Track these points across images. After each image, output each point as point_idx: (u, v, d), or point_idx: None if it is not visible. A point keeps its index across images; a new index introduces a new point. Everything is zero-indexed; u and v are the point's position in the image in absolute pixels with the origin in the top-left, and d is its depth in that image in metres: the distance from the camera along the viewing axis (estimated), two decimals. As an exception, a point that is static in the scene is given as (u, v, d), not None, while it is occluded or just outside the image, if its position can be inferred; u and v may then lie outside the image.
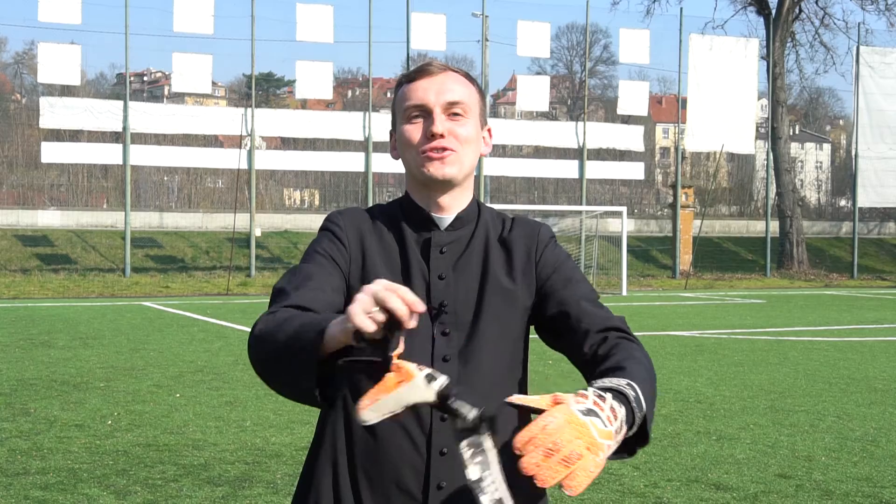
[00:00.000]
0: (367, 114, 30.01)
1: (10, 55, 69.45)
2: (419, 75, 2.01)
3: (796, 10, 36.89)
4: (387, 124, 29.96)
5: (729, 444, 7.30)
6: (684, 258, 33.38)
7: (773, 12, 35.76)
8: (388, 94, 74.65)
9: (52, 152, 28.20)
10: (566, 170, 32.79)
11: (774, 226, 36.07)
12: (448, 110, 1.99)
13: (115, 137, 29.79)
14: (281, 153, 33.70)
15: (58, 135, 32.29)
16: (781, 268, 35.19)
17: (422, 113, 1.99)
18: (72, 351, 12.51)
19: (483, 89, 2.13)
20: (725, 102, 32.92)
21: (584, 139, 31.72)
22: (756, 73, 33.95)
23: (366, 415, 1.56)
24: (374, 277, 1.95)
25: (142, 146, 29.32)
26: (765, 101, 38.88)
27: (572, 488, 1.53)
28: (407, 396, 1.55)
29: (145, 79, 79.43)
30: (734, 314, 19.92)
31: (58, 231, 32.62)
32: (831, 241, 41.41)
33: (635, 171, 33.87)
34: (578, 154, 32.06)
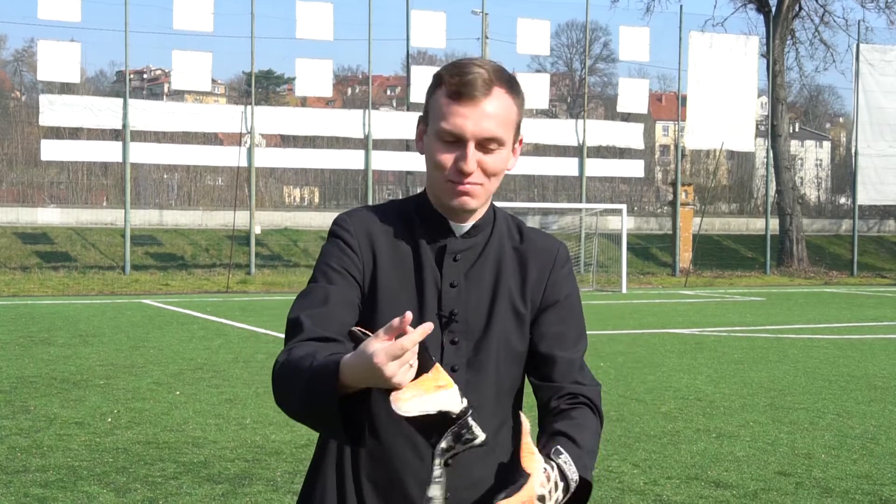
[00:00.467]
0: (366, 111, 29.99)
1: (9, 53, 69.46)
2: (462, 98, 1.91)
3: (796, 8, 36.86)
4: (386, 123, 30.00)
5: (729, 442, 7.30)
6: (684, 256, 33.38)
7: (773, 10, 35.73)
8: (388, 92, 74.67)
9: (51, 150, 28.19)
10: (566, 167, 32.78)
11: (774, 223, 36.06)
12: (482, 144, 1.92)
13: (115, 135, 29.80)
14: (281, 151, 33.68)
15: (57, 132, 32.28)
16: (781, 265, 35.19)
17: (456, 140, 1.92)
18: (72, 349, 12.51)
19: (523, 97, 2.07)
20: (725, 100, 32.91)
21: (584, 137, 31.71)
22: (756, 71, 33.93)
23: (404, 406, 1.60)
24: (384, 285, 1.97)
25: (141, 144, 29.29)
26: (765, 99, 38.87)
27: None
28: (443, 401, 1.62)
29: (145, 76, 79.38)
30: (734, 312, 19.91)
31: (57, 229, 32.61)
32: (831, 239, 41.40)
33: (635, 168, 33.86)
34: (578, 152, 32.05)
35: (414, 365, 1.64)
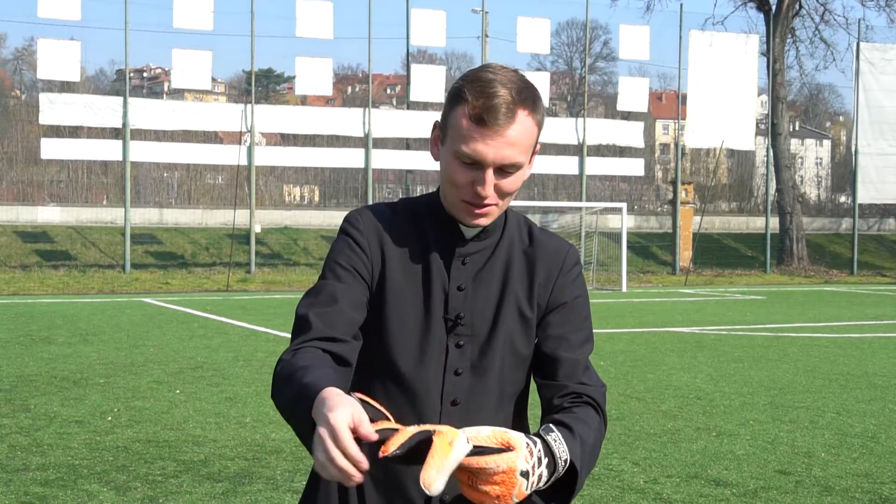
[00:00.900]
0: (366, 110, 29.98)
1: (9, 51, 69.42)
2: (486, 124, 1.86)
3: (796, 7, 36.85)
4: (386, 121, 30.01)
5: (728, 441, 7.30)
6: (684, 254, 33.38)
7: (773, 8, 35.73)
8: (388, 91, 74.69)
9: (51, 148, 28.19)
10: (566, 166, 32.77)
11: (774, 222, 36.06)
12: (501, 169, 1.90)
13: (115, 134, 29.80)
14: (281, 149, 33.67)
15: (57, 131, 32.28)
16: (781, 264, 35.19)
17: (474, 164, 1.90)
18: (72, 347, 12.51)
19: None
20: (725, 99, 32.91)
21: (584, 135, 31.71)
22: (756, 70, 33.93)
23: (437, 485, 1.62)
24: (392, 285, 1.98)
25: (141, 142, 29.28)
26: (765, 98, 38.86)
27: None
28: (460, 454, 1.64)
29: (145, 75, 79.39)
30: (734, 310, 19.92)
31: (57, 227, 32.61)
32: (831, 238, 41.41)
33: (635, 167, 33.86)
34: (578, 150, 32.04)
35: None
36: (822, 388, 9.78)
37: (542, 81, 32.27)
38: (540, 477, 1.73)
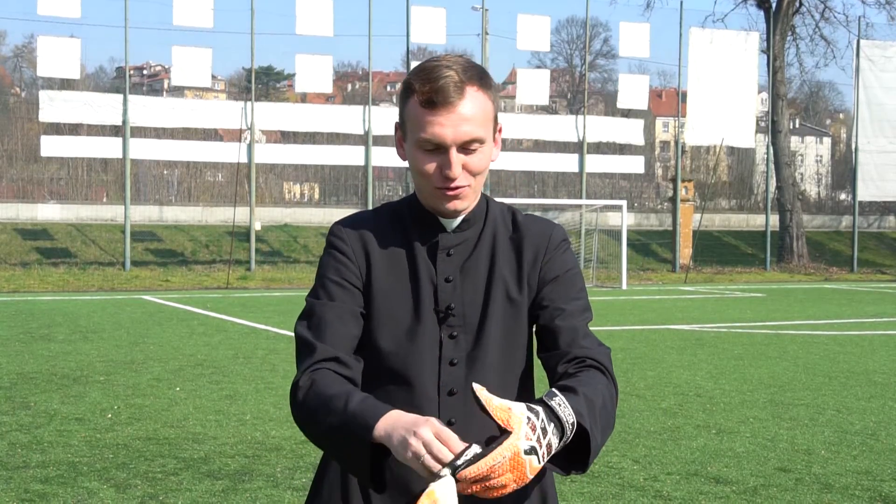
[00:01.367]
0: (366, 107, 29.97)
1: (9, 49, 69.38)
2: (436, 106, 1.90)
3: (796, 4, 36.84)
4: (386, 119, 29.95)
5: (728, 438, 7.31)
6: (684, 252, 33.38)
7: (774, 6, 35.71)
8: (388, 88, 74.58)
9: (51, 146, 28.18)
10: (566, 163, 32.78)
11: (774, 220, 36.06)
12: (464, 147, 1.93)
13: (115, 131, 29.79)
14: (281, 147, 33.67)
15: (57, 128, 32.26)
16: (781, 262, 35.20)
17: (437, 148, 1.93)
18: (72, 345, 12.52)
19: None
20: (725, 96, 32.90)
21: (584, 133, 31.70)
22: (756, 67, 33.92)
23: None
24: (379, 286, 2.01)
25: (141, 140, 29.29)
26: (765, 95, 38.85)
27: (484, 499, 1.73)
28: (452, 495, 1.70)
29: (145, 72, 79.37)
30: (734, 308, 19.92)
31: (57, 225, 32.62)
32: (831, 235, 41.41)
33: (635, 164, 33.86)
34: (578, 148, 32.04)
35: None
36: (822, 386, 9.79)
37: (541, 79, 32.28)
38: (549, 446, 1.73)
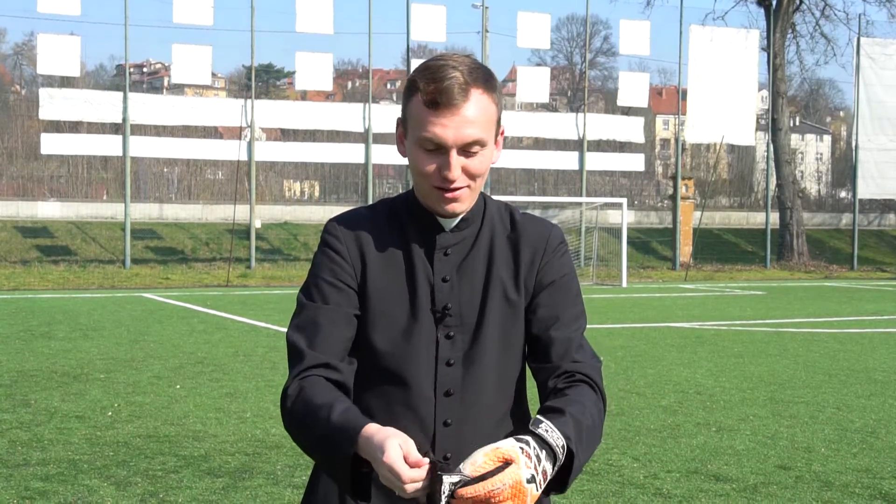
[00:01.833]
0: (366, 105, 29.96)
1: (9, 46, 69.44)
2: (440, 107, 1.89)
3: (797, 1, 36.82)
4: (386, 117, 29.94)
5: (728, 436, 7.31)
6: (684, 250, 33.37)
7: (774, 3, 35.69)
8: (388, 86, 74.58)
9: (51, 144, 28.16)
10: (566, 161, 32.77)
11: (774, 217, 36.05)
12: (465, 149, 1.92)
13: (115, 129, 29.77)
14: (281, 144, 33.65)
15: (57, 126, 32.23)
16: (781, 259, 35.19)
17: (437, 148, 1.92)
18: (72, 342, 12.52)
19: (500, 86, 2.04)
20: (726, 94, 32.88)
21: (585, 130, 31.69)
22: (756, 65, 33.91)
23: None
24: (374, 285, 1.99)
25: (141, 137, 29.27)
26: (765, 93, 38.83)
27: None
28: None
29: (145, 70, 79.32)
30: (734, 306, 19.92)
31: (58, 222, 32.61)
32: (831, 233, 41.41)
33: (635, 162, 33.84)
34: (578, 145, 32.03)
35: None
36: (822, 384, 9.79)
37: (542, 76, 32.27)
38: (545, 473, 1.74)
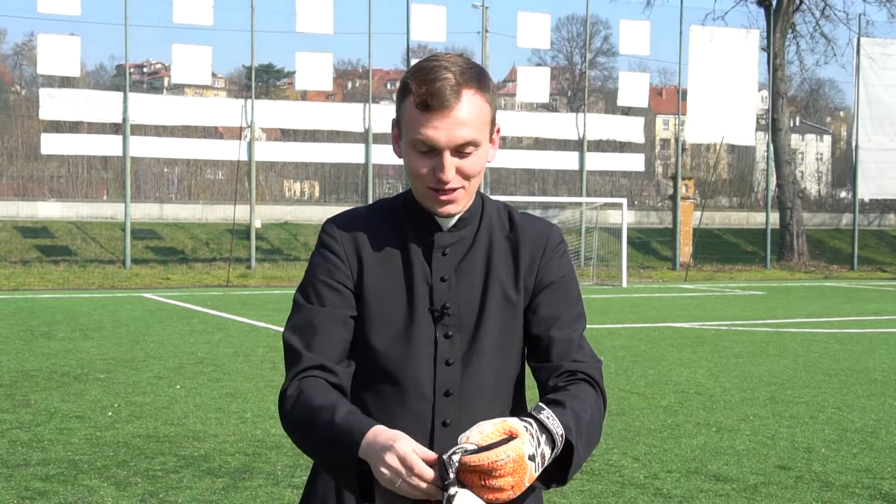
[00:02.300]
0: (367, 105, 29.97)
1: (9, 46, 69.45)
2: (432, 109, 1.88)
3: (797, 2, 36.82)
4: (386, 117, 29.91)
5: (729, 436, 7.31)
6: (684, 250, 33.37)
7: (774, 4, 35.69)
8: (388, 86, 74.60)
9: (51, 144, 28.16)
10: (566, 161, 32.76)
11: (775, 217, 36.05)
12: (458, 150, 1.91)
13: (115, 129, 29.77)
14: (281, 144, 33.65)
15: (57, 126, 32.24)
16: (781, 259, 35.19)
17: (430, 150, 1.91)
18: (72, 342, 12.52)
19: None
20: (726, 94, 32.88)
21: (585, 131, 31.69)
22: (756, 65, 33.90)
23: None
24: (371, 285, 1.99)
25: (142, 137, 29.27)
26: (765, 93, 38.84)
27: None
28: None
29: (145, 70, 79.34)
30: (734, 306, 19.92)
31: (58, 222, 32.61)
32: (831, 233, 41.41)
33: (635, 162, 33.84)
34: (578, 145, 32.03)
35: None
36: (822, 384, 9.79)
37: (542, 76, 32.27)
38: (543, 457, 1.73)
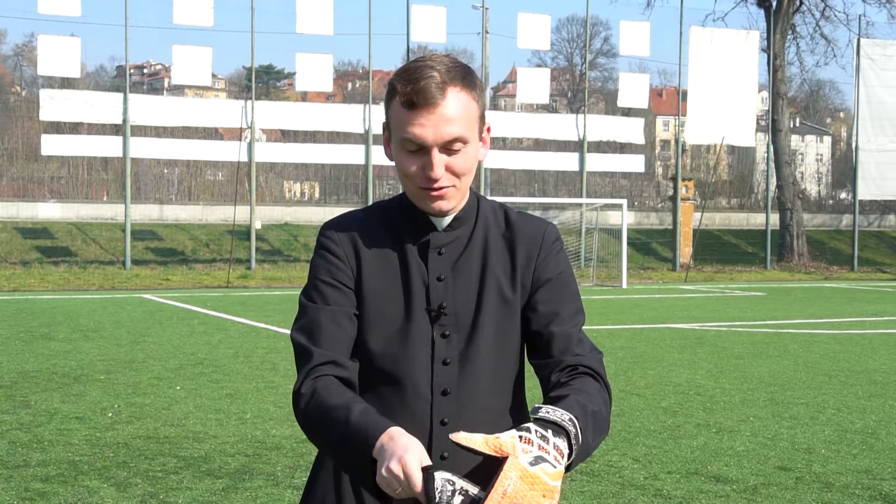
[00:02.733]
0: (367, 106, 29.98)
1: (9, 47, 69.47)
2: (417, 106, 1.89)
3: (797, 2, 36.83)
4: (387, 117, 29.93)
5: (729, 437, 7.31)
6: (684, 251, 33.38)
7: (774, 5, 35.71)
8: (389, 87, 74.61)
9: (52, 145, 28.17)
10: (566, 162, 32.77)
11: (775, 218, 36.06)
12: (446, 148, 1.92)
13: (115, 130, 29.79)
14: (281, 145, 33.66)
15: (58, 127, 32.26)
16: (781, 260, 35.20)
17: (419, 149, 1.92)
18: (72, 343, 12.52)
19: (483, 82, 2.04)
20: (726, 95, 32.89)
21: (585, 132, 31.69)
22: (756, 66, 33.92)
23: None
24: (370, 286, 2.00)
25: (142, 138, 29.28)
26: (765, 94, 38.85)
27: None
28: None
29: (145, 71, 79.36)
30: (734, 307, 19.92)
31: (58, 223, 32.61)
32: (831, 234, 41.41)
33: (635, 163, 33.85)
34: (579, 146, 32.03)
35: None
36: (823, 385, 9.79)
37: (542, 77, 32.28)
38: (558, 448, 1.71)
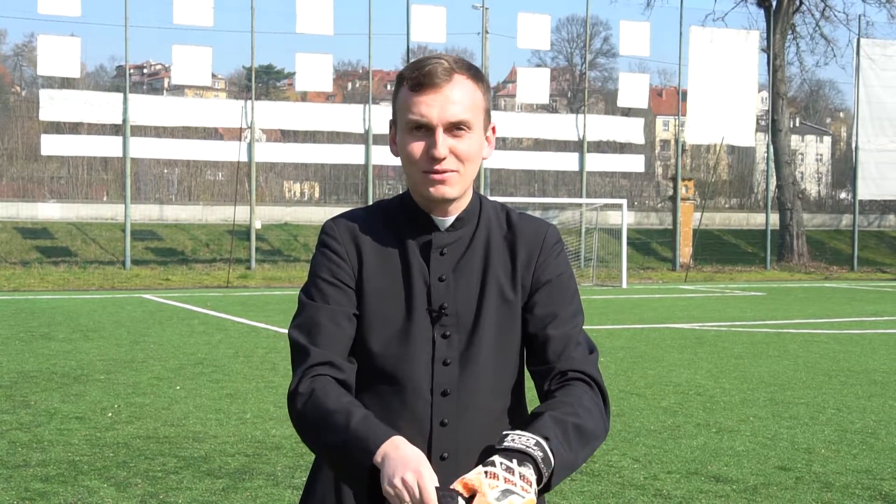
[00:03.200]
0: (367, 106, 29.97)
1: (9, 47, 69.47)
2: (424, 87, 1.93)
3: (797, 2, 36.83)
4: (386, 117, 29.90)
5: (729, 437, 7.31)
6: (684, 251, 33.37)
7: (774, 5, 35.70)
8: (389, 87, 74.60)
9: (51, 145, 28.16)
10: (566, 162, 32.77)
11: (774, 218, 36.06)
12: (451, 129, 1.94)
13: (115, 130, 29.78)
14: (281, 145, 33.65)
15: (58, 127, 32.25)
16: (781, 260, 35.20)
17: (424, 129, 1.94)
18: (72, 343, 12.52)
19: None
20: (726, 95, 32.89)
21: (585, 131, 31.69)
22: (756, 66, 33.91)
23: None
24: (371, 285, 2.00)
25: (142, 138, 29.27)
26: (765, 94, 38.85)
27: None
28: None
29: (145, 71, 79.38)
30: (734, 307, 19.92)
31: (58, 224, 32.60)
32: (831, 234, 41.41)
33: (635, 163, 33.85)
34: (578, 146, 32.03)
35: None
36: (823, 385, 9.79)
37: (542, 77, 32.27)
38: (525, 477, 1.71)
